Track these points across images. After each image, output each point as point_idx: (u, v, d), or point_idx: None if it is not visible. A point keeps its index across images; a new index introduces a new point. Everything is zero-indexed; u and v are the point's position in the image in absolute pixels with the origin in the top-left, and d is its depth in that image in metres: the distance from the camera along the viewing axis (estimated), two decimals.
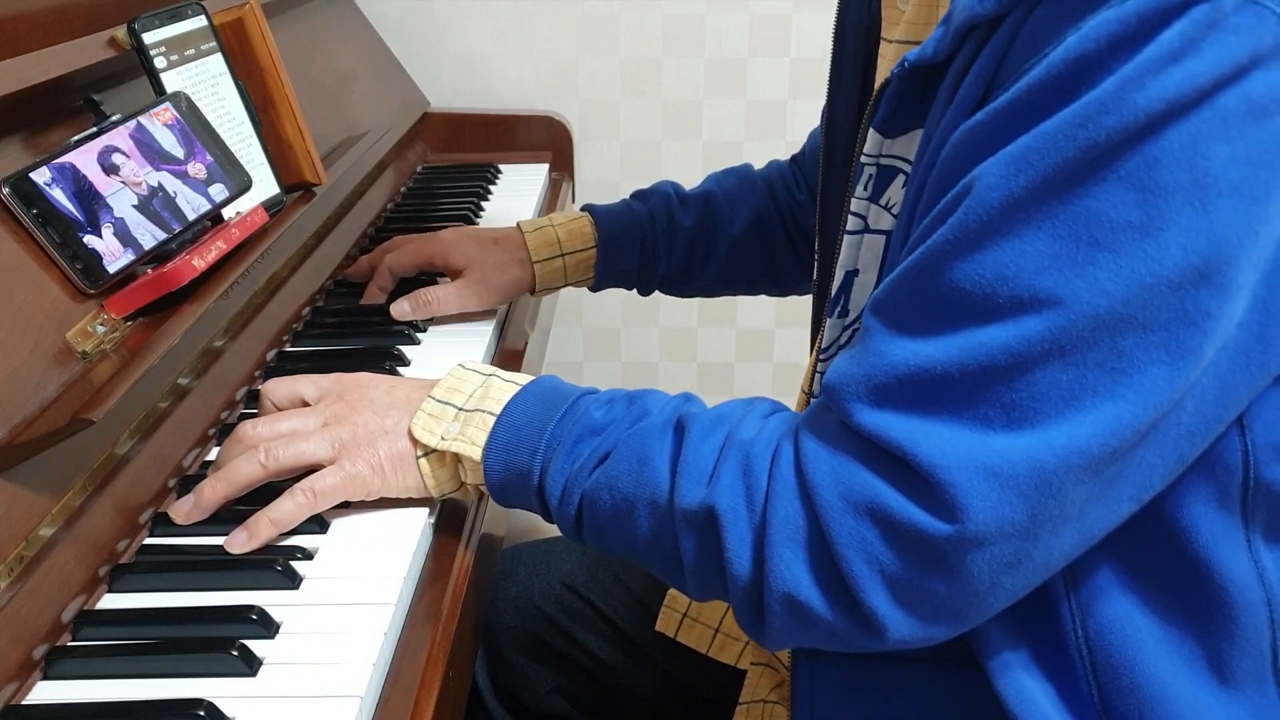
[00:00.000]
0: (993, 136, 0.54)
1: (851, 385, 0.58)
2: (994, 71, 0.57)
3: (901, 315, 0.58)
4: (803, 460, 0.60)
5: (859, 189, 0.69)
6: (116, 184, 0.77)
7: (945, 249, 0.55)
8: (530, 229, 1.06)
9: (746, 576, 0.61)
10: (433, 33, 1.68)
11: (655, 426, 0.66)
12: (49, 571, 0.63)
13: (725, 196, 1.10)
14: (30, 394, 0.65)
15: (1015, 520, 0.54)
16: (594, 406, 0.69)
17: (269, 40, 0.99)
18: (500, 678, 1.00)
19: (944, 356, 0.55)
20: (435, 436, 0.70)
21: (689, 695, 0.96)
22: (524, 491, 0.69)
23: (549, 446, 0.67)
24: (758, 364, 1.86)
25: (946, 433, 0.55)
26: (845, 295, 0.72)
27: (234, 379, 0.88)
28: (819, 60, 1.68)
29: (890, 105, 0.65)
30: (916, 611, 0.58)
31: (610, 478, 0.65)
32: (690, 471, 0.63)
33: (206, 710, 0.56)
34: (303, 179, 1.02)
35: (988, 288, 0.53)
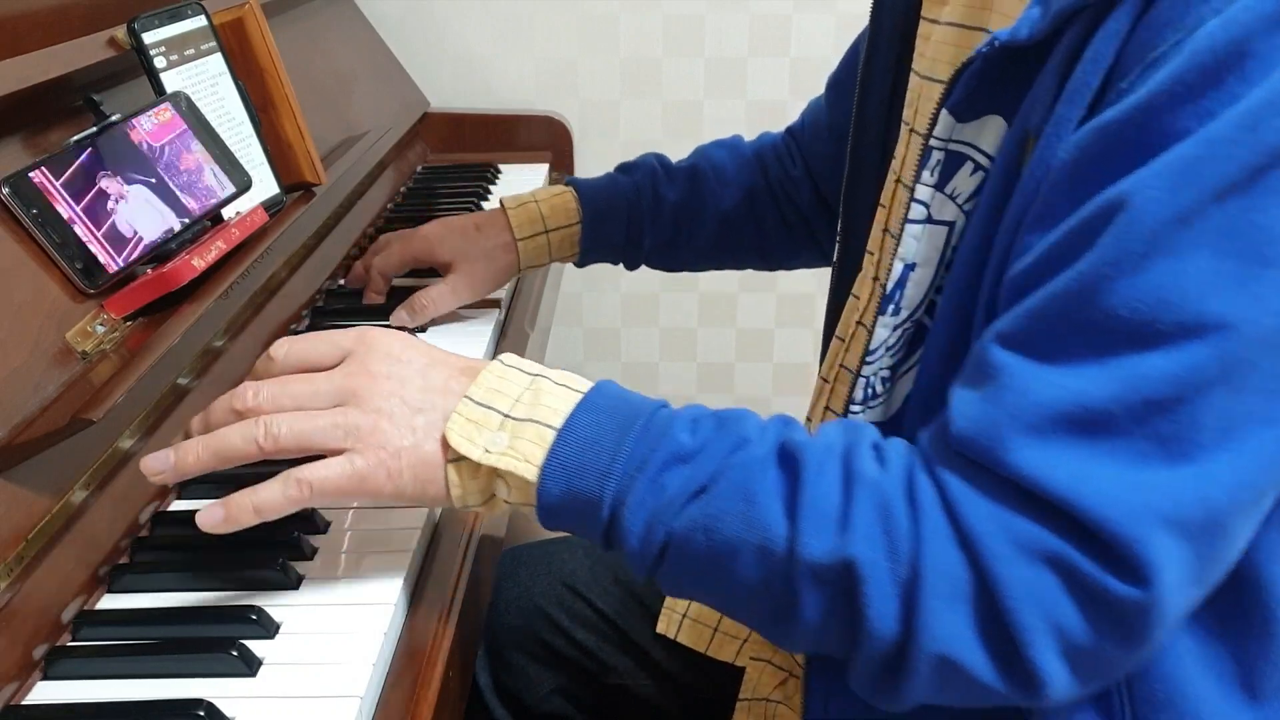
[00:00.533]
0: (1134, 140, 0.50)
1: (993, 431, 0.52)
2: (1114, 59, 0.52)
3: (1046, 346, 0.52)
4: (954, 504, 0.54)
5: (925, 175, 0.63)
6: (116, 184, 0.77)
7: (1100, 272, 0.50)
8: (513, 205, 1.04)
9: (890, 636, 0.54)
10: (433, 33, 1.68)
11: (758, 458, 0.57)
12: (49, 571, 0.63)
13: (714, 171, 1.08)
14: (30, 394, 0.65)
15: (1191, 568, 0.51)
16: (678, 427, 0.59)
17: (269, 40, 0.99)
18: (501, 678, 1.00)
19: (1100, 390, 0.50)
20: (477, 448, 0.60)
21: (689, 695, 0.96)
22: (586, 519, 0.60)
23: (626, 473, 0.58)
24: (758, 364, 1.86)
25: (1109, 475, 0.50)
26: (900, 291, 0.66)
27: (234, 379, 0.88)
28: (819, 60, 1.68)
29: (968, 87, 0.60)
30: (1080, 669, 0.53)
31: (709, 517, 0.56)
32: (813, 516, 0.55)
33: (206, 710, 0.56)
34: (302, 179, 1.02)
35: (1148, 313, 0.49)
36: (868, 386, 0.69)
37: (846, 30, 1.65)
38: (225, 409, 0.63)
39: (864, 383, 0.69)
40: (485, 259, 1.02)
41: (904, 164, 0.72)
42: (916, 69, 0.73)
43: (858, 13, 1.64)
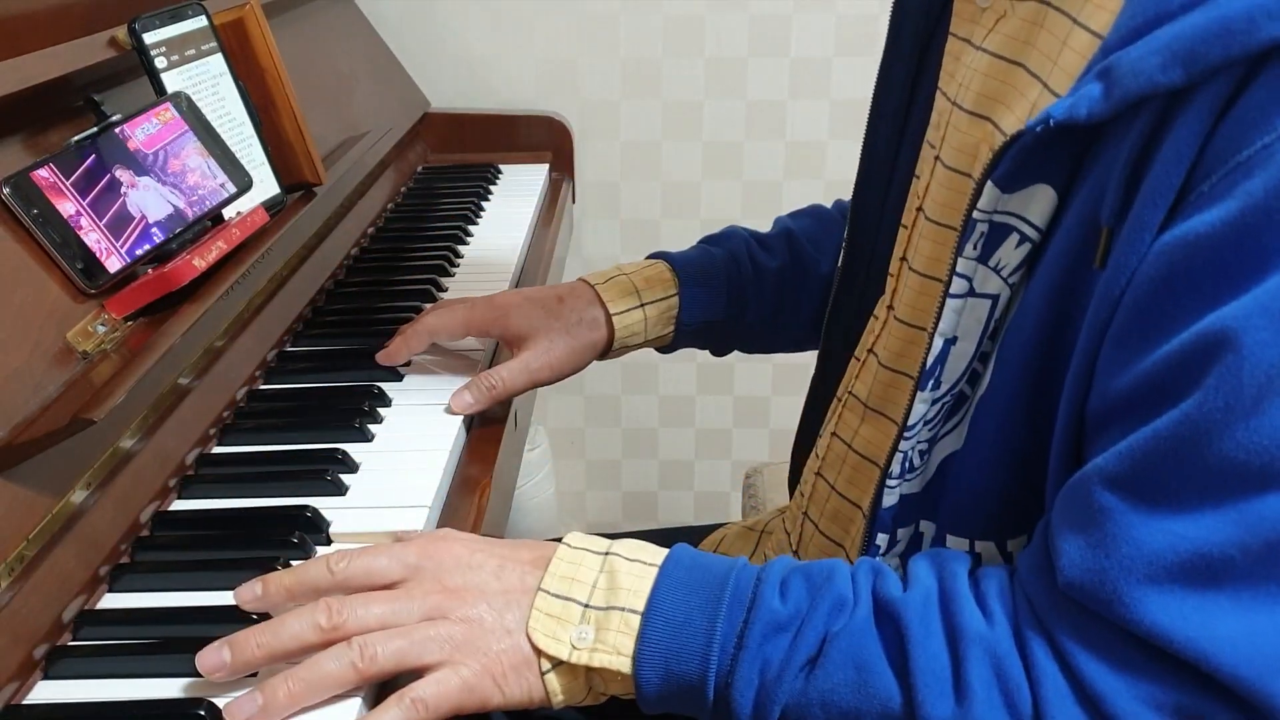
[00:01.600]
0: (1231, 258, 0.47)
1: (1110, 583, 0.51)
2: (1194, 159, 0.49)
3: (1156, 491, 0.50)
4: (1072, 661, 0.52)
5: (967, 248, 0.61)
6: (117, 184, 0.77)
7: (1213, 416, 0.48)
8: (600, 280, 0.93)
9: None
10: (433, 33, 1.68)
11: (860, 622, 0.56)
12: (49, 571, 0.63)
13: (806, 235, 0.99)
14: (31, 394, 0.65)
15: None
16: (767, 592, 0.58)
17: (269, 40, 0.99)
18: None
19: (1220, 536, 0.48)
20: (565, 646, 0.58)
21: None
22: (694, 702, 0.58)
23: (724, 650, 0.57)
24: (757, 364, 1.86)
25: (1236, 626, 0.49)
26: (940, 366, 0.64)
27: (235, 379, 0.88)
28: (819, 60, 1.68)
29: (1016, 160, 0.57)
30: None
31: (824, 690, 0.56)
32: (928, 681, 0.54)
33: (206, 710, 0.56)
34: (303, 179, 1.02)
35: (1266, 455, 0.47)
36: (905, 460, 0.67)
37: (846, 30, 1.66)
38: (305, 626, 0.58)
39: (902, 457, 0.67)
40: (567, 335, 0.89)
41: (927, 194, 0.70)
42: (944, 89, 0.71)
43: (858, 13, 1.65)
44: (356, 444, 0.81)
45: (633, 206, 1.76)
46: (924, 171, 0.72)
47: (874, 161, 0.81)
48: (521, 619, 0.60)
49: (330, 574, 0.61)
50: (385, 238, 1.27)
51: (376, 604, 0.59)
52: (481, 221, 1.35)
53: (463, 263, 1.21)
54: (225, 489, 0.77)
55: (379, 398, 0.88)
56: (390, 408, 0.88)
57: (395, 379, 0.92)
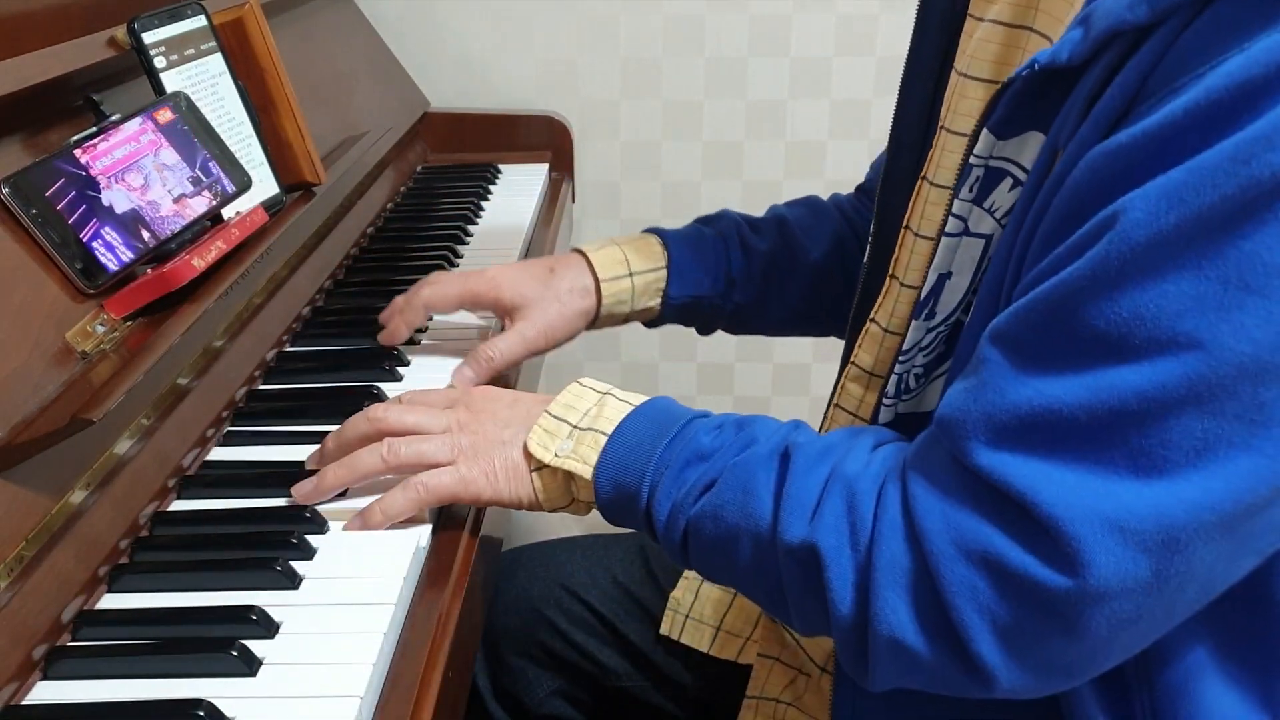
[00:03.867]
0: (1138, 162, 0.51)
1: (969, 422, 0.55)
2: (1138, 86, 0.53)
3: (1027, 350, 0.54)
4: (911, 502, 0.58)
5: (963, 190, 0.65)
6: (116, 184, 0.77)
7: (1082, 284, 0.52)
8: (593, 249, 0.96)
9: (850, 618, 0.59)
10: (433, 33, 1.68)
11: (761, 456, 0.64)
12: (49, 571, 0.63)
13: (798, 223, 1.02)
14: (30, 394, 0.65)
15: (1139, 577, 0.52)
16: (703, 431, 0.68)
17: (269, 40, 0.99)
18: (500, 680, 1.00)
19: (1071, 397, 0.52)
20: (549, 453, 0.71)
21: (689, 697, 0.96)
22: (632, 512, 0.69)
23: (657, 470, 0.67)
24: (758, 364, 1.86)
25: (1070, 479, 0.52)
26: (935, 298, 0.69)
27: (234, 379, 0.88)
28: (819, 60, 1.68)
29: (1009, 106, 0.61)
30: (1029, 663, 0.56)
31: (714, 507, 0.64)
32: (793, 505, 0.61)
33: (206, 710, 0.56)
34: (302, 179, 1.02)
35: (1124, 327, 0.51)
36: (900, 382, 0.72)
37: (846, 30, 1.66)
38: (358, 422, 0.76)
39: (897, 379, 0.72)
40: (559, 303, 0.92)
41: (933, 162, 0.72)
42: (957, 67, 0.72)
43: (857, 13, 1.65)
44: None
45: (633, 206, 1.76)
46: (936, 150, 0.73)
47: (900, 156, 0.81)
48: (517, 434, 0.73)
49: (398, 401, 0.78)
50: (385, 237, 1.27)
51: (412, 413, 0.75)
52: (481, 221, 1.35)
53: (462, 262, 1.21)
54: (224, 489, 0.77)
55: (378, 398, 0.88)
56: None
57: (395, 379, 0.92)
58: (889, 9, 1.62)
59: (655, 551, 1.01)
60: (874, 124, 1.70)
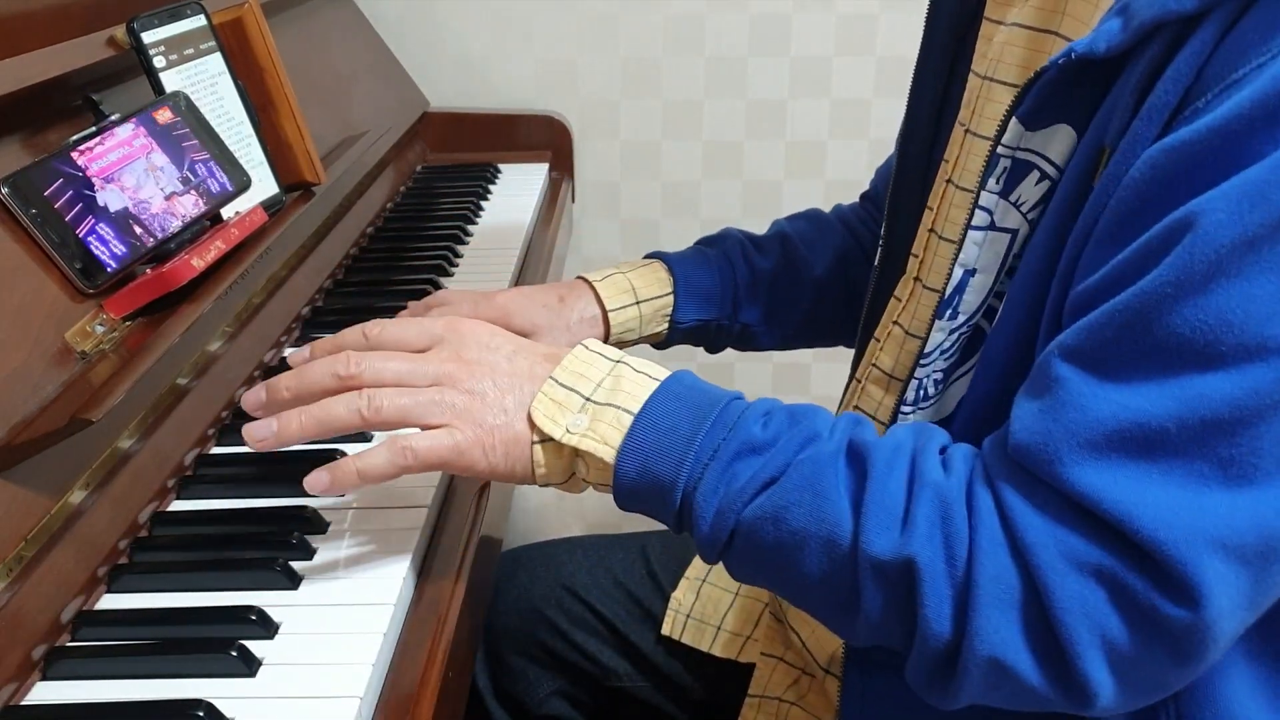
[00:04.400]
0: (1209, 161, 0.49)
1: (1051, 445, 0.53)
2: (1193, 78, 0.51)
3: (1107, 363, 0.53)
4: (1010, 515, 0.55)
5: (990, 182, 0.64)
6: (115, 184, 0.77)
7: (1164, 291, 0.50)
8: (598, 278, 0.95)
9: (944, 636, 0.56)
10: (433, 33, 1.68)
11: (828, 454, 0.59)
12: (49, 571, 0.63)
13: (801, 238, 1.01)
14: (29, 394, 0.65)
15: (1244, 593, 0.51)
16: (750, 419, 0.62)
17: (268, 40, 0.99)
18: (501, 680, 0.99)
19: (1159, 409, 0.51)
20: (560, 428, 0.63)
21: (690, 697, 0.96)
22: (659, 503, 0.62)
23: (698, 460, 0.61)
24: (758, 364, 1.86)
25: (1163, 496, 0.51)
26: (959, 296, 0.67)
27: (233, 379, 0.88)
28: (819, 60, 1.68)
29: (1039, 97, 0.60)
30: (1131, 683, 0.54)
31: (778, 508, 0.59)
32: (878, 513, 0.57)
33: (206, 710, 0.56)
34: (302, 179, 1.02)
35: (1211, 334, 0.49)
36: (920, 388, 0.70)
37: (846, 30, 1.66)
38: (324, 373, 0.65)
39: (916, 385, 0.70)
40: (568, 332, 0.92)
41: (956, 165, 0.71)
42: (976, 69, 0.72)
43: (857, 13, 1.65)
44: (356, 444, 0.81)
45: (632, 206, 1.76)
46: (953, 149, 0.73)
47: (910, 158, 0.81)
48: (521, 401, 0.65)
49: (364, 338, 0.67)
50: (384, 237, 1.27)
51: (393, 361, 0.65)
52: (481, 221, 1.35)
53: (462, 262, 1.21)
54: (224, 489, 0.77)
55: None
56: None
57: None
58: (889, 9, 1.62)
59: (656, 552, 1.00)
60: (874, 124, 1.69)
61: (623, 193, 1.76)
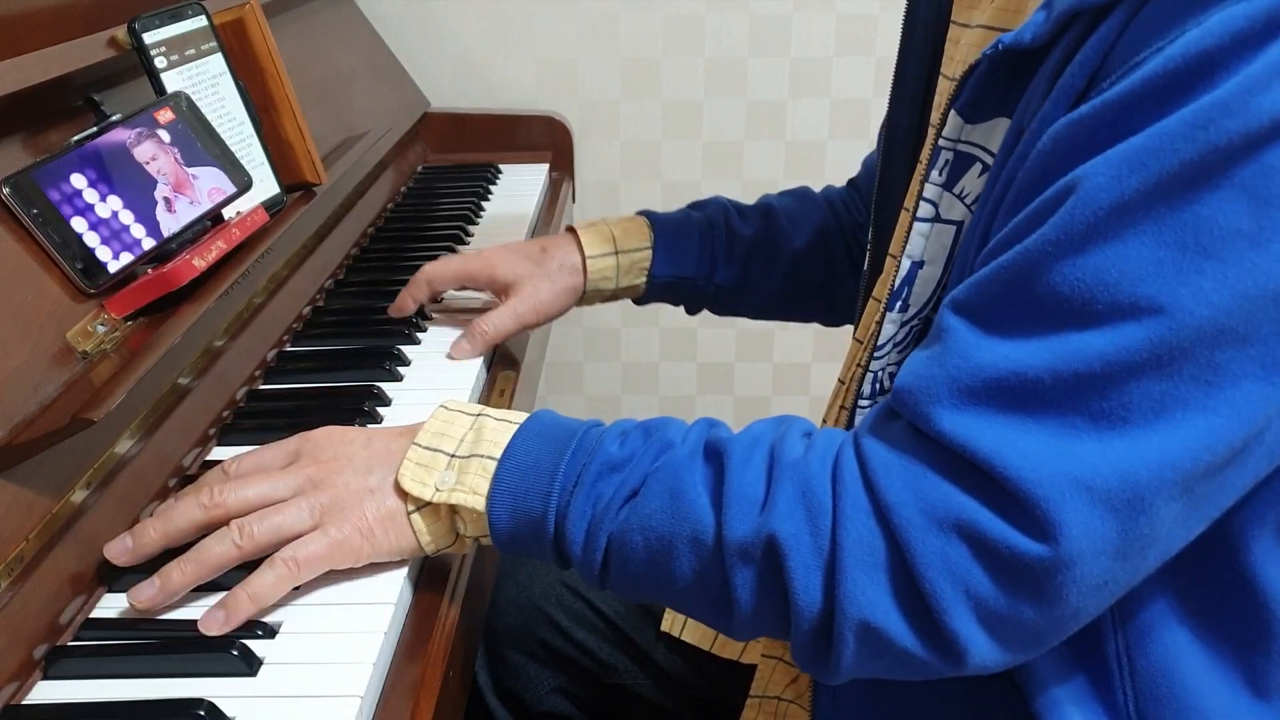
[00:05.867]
0: (1100, 132, 0.52)
1: (931, 389, 0.55)
2: (1099, 62, 0.54)
3: (990, 316, 0.55)
4: (872, 474, 0.56)
5: (933, 174, 0.66)
6: (116, 184, 0.77)
7: (1045, 250, 0.52)
8: (583, 226, 1.01)
9: (815, 606, 0.57)
10: (433, 33, 1.68)
11: (683, 456, 0.61)
12: (50, 571, 0.63)
13: (784, 211, 1.05)
14: (30, 394, 0.65)
15: (1108, 539, 0.52)
16: (608, 440, 0.64)
17: (269, 40, 0.99)
18: (501, 678, 1.00)
19: (1036, 361, 0.52)
20: (429, 488, 0.64)
21: (691, 694, 0.96)
22: (537, 539, 0.64)
23: (564, 488, 0.62)
24: (758, 364, 1.86)
25: (1034, 443, 0.52)
26: (908, 288, 0.68)
27: (235, 379, 0.88)
28: (819, 60, 1.68)
29: (976, 89, 0.62)
30: (1000, 635, 0.55)
31: (642, 516, 0.60)
32: (738, 500, 0.58)
33: (206, 710, 0.56)
34: (303, 179, 1.02)
35: (1087, 292, 0.51)
36: (875, 381, 0.71)
37: (846, 30, 1.66)
38: (190, 507, 0.65)
39: (872, 378, 0.71)
40: (549, 280, 0.97)
41: (922, 164, 0.72)
42: (944, 72, 0.73)
43: (857, 13, 1.65)
44: None
45: (633, 206, 1.74)
46: (926, 150, 0.73)
47: (893, 163, 0.82)
48: (385, 477, 0.66)
49: (225, 474, 0.68)
50: (385, 237, 1.27)
51: (253, 484, 0.66)
52: (482, 221, 1.35)
53: None
54: None
55: (379, 398, 0.88)
56: (390, 408, 0.88)
57: (395, 379, 0.92)
58: (889, 9, 1.62)
59: None
60: (874, 124, 1.69)
61: (623, 193, 1.76)
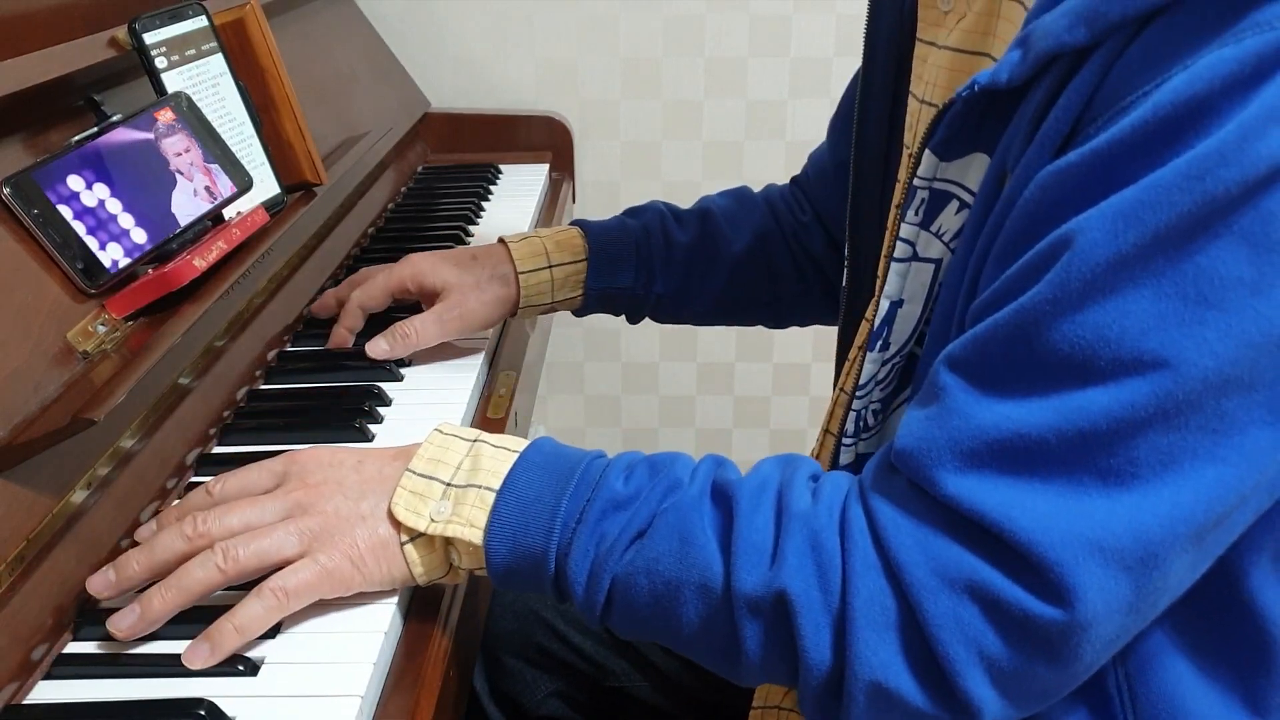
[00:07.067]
0: (1091, 183, 0.51)
1: (933, 451, 0.54)
2: (1084, 106, 0.53)
3: (989, 375, 0.54)
4: (881, 532, 0.55)
5: (909, 214, 0.65)
6: (117, 184, 0.77)
7: (1042, 308, 0.51)
8: (515, 240, 0.98)
9: (825, 665, 0.56)
10: (433, 33, 1.68)
11: (691, 498, 0.59)
12: (50, 571, 0.63)
13: (723, 215, 1.03)
14: (31, 394, 0.65)
15: (1123, 598, 0.51)
16: (612, 475, 0.62)
17: (269, 40, 0.99)
18: (498, 682, 1.00)
19: (1039, 420, 0.51)
20: (423, 519, 0.62)
21: (688, 696, 0.96)
22: (536, 576, 0.62)
23: (565, 525, 0.60)
24: (758, 364, 1.86)
25: (1042, 504, 0.51)
26: (888, 328, 0.67)
27: (235, 379, 0.88)
28: (819, 60, 1.68)
29: (951, 128, 0.61)
30: (1013, 694, 0.54)
31: (649, 560, 0.59)
32: (747, 551, 0.57)
33: (206, 710, 0.56)
34: (303, 179, 1.02)
35: (1089, 349, 0.50)
36: (859, 419, 0.70)
37: (846, 30, 1.66)
38: (173, 538, 0.63)
39: (855, 416, 0.70)
40: (478, 289, 0.94)
41: (901, 189, 0.72)
42: (914, 91, 0.72)
43: (857, 13, 1.64)
44: (356, 444, 0.81)
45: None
46: (902, 172, 0.74)
47: (864, 184, 0.82)
48: (377, 504, 0.63)
49: (209, 495, 0.66)
50: (385, 238, 1.27)
51: (237, 510, 0.63)
52: (482, 221, 1.35)
53: None
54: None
55: (379, 398, 0.88)
56: (390, 407, 0.88)
57: (396, 379, 0.92)
58: None
59: None
60: None
61: (623, 193, 1.76)
